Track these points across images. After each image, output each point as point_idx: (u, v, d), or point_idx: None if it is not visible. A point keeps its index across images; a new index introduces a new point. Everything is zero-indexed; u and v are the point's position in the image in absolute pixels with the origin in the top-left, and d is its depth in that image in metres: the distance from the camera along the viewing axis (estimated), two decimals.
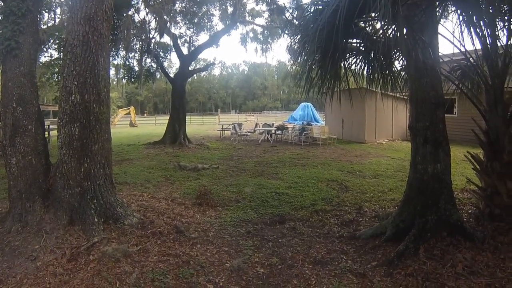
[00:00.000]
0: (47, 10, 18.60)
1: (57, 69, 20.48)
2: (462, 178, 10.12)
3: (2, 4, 7.41)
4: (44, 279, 4.80)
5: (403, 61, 7.10)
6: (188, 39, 23.96)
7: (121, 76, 25.56)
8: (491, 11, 5.92)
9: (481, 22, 5.96)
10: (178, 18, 22.74)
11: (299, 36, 6.64)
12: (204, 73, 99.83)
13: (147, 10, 20.30)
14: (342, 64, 6.71)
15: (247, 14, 24.77)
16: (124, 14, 18.38)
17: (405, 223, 5.86)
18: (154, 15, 19.76)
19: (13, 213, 6.12)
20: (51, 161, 6.77)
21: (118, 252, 5.45)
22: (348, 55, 7.02)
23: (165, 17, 19.45)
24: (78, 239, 5.81)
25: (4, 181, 9.20)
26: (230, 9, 22.99)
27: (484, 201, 6.51)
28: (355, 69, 7.37)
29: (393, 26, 5.30)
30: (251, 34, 26.09)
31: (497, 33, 6.16)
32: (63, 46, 6.96)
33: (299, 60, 6.85)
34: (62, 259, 5.22)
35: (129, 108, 50.20)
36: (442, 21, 6.61)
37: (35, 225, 5.92)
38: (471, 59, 6.57)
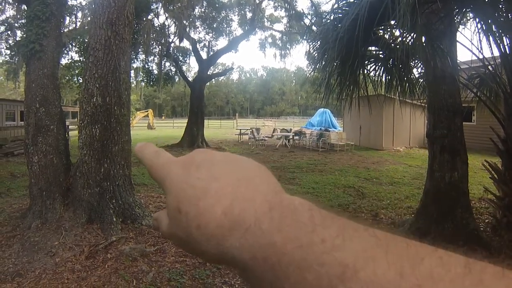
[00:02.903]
0: (68, 14, 18.90)
1: (77, 71, 20.81)
2: (480, 187, 10.01)
3: (26, 8, 7.57)
4: (62, 274, 4.89)
5: (422, 68, 7.11)
6: (207, 44, 24.14)
7: (140, 79, 25.83)
8: (510, 18, 5.91)
9: (500, 30, 5.95)
10: (197, 23, 22.95)
11: (318, 43, 6.68)
12: (222, 77, 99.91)
13: (167, 15, 20.54)
14: (361, 71, 6.74)
15: (265, 20, 24.93)
16: (144, 19, 18.61)
17: (421, 231, 5.85)
18: (174, 20, 19.96)
19: (33, 210, 6.25)
20: (71, 160, 6.89)
21: (135, 251, 5.53)
22: (367, 62, 7.05)
23: (184, 21, 19.63)
24: (96, 238, 5.92)
25: (25, 178, 9.38)
26: (249, 15, 23.14)
27: (501, 210, 6.45)
28: (373, 76, 7.39)
29: (412, 34, 5.33)
30: (269, 40, 26.24)
31: None
32: (86, 50, 7.11)
33: (318, 67, 6.90)
34: (80, 256, 5.33)
35: (147, 111, 50.53)
36: (460, 28, 6.60)
37: (55, 222, 6.03)
38: (489, 67, 6.53)
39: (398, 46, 6.49)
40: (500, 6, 5.79)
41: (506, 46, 6.00)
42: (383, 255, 0.31)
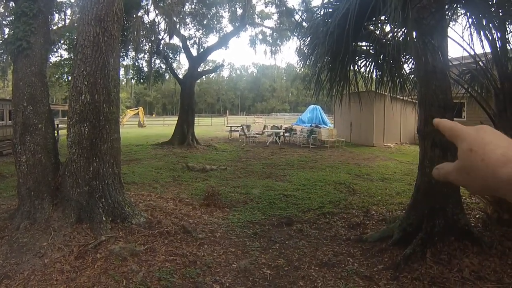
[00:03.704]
0: (57, 11, 18.74)
1: (67, 69, 20.65)
2: None
3: (14, 5, 7.46)
4: (51, 276, 4.84)
5: (412, 64, 7.10)
6: (197, 41, 24.08)
7: (130, 77, 25.69)
8: (501, 14, 5.90)
9: (491, 25, 5.94)
10: (188, 20, 22.87)
11: (308, 39, 6.65)
12: (213, 74, 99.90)
13: (157, 12, 20.40)
14: (351, 67, 6.72)
15: (256, 16, 24.83)
16: (134, 16, 18.48)
17: (412, 227, 5.84)
18: (164, 17, 19.84)
19: (21, 210, 6.17)
20: (60, 159, 6.82)
21: (125, 251, 5.48)
22: (357, 58, 7.03)
23: (174, 18, 19.52)
24: (85, 237, 5.85)
25: (14, 178, 9.27)
26: (239, 11, 23.07)
27: (492, 206, 6.47)
28: (364, 72, 7.37)
29: (403, 29, 5.31)
30: (260, 36, 26.16)
31: (507, 36, 6.13)
32: (74, 47, 7.02)
33: (308, 63, 6.87)
34: (70, 257, 5.27)
35: (137, 109, 50.34)
36: (451, 24, 6.60)
37: (43, 223, 5.97)
38: (480, 62, 6.54)
39: (389, 42, 6.47)
40: (490, 1, 5.79)
41: (497, 42, 6.00)
42: None
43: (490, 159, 0.58)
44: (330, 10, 6.08)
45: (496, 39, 6.01)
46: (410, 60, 7.10)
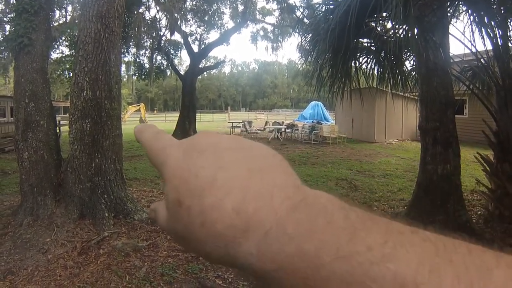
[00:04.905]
0: (58, 8, 18.73)
1: (68, 66, 20.66)
2: (472, 179, 10.04)
3: (15, 1, 7.47)
4: (54, 271, 4.86)
5: (414, 61, 7.10)
6: (198, 37, 24.11)
7: (131, 73, 25.72)
8: (502, 11, 5.90)
9: (492, 23, 5.94)
10: (189, 16, 22.85)
11: (310, 35, 6.66)
12: (214, 70, 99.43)
13: (158, 8, 20.43)
14: (353, 64, 6.73)
15: (257, 13, 24.84)
16: (135, 12, 18.49)
17: (413, 223, 5.85)
18: (165, 13, 19.85)
19: (24, 207, 6.19)
20: (62, 156, 6.84)
21: (128, 246, 5.50)
22: (359, 54, 7.04)
23: (175, 15, 19.54)
24: (88, 233, 5.88)
25: (16, 175, 9.28)
26: (240, 7, 23.07)
27: (493, 202, 6.47)
28: (365, 69, 7.38)
29: (404, 26, 5.31)
30: (261, 33, 26.18)
31: (508, 33, 6.13)
32: (75, 43, 7.03)
33: (309, 59, 6.88)
34: (73, 252, 5.29)
35: (139, 105, 50.29)
36: (453, 21, 6.60)
37: (46, 219, 5.98)
38: (482, 59, 6.54)
39: (390, 38, 6.48)
40: None
41: (499, 39, 6.00)
42: (445, 266, 0.26)
43: (216, 226, 0.32)
44: (331, 6, 6.09)
45: (498, 36, 6.01)
46: (412, 57, 7.11)
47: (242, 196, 0.32)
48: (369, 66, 7.31)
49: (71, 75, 16.78)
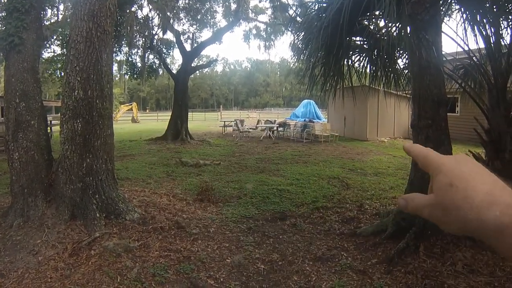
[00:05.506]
0: (50, 7, 18.57)
1: (59, 65, 20.50)
2: None
3: (6, 0, 7.39)
4: (45, 273, 4.82)
5: (406, 59, 7.10)
6: (191, 36, 24.00)
7: (123, 72, 25.59)
8: (495, 10, 5.91)
9: (485, 21, 5.95)
10: (181, 15, 22.75)
11: (302, 34, 6.65)
12: (206, 69, 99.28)
13: (150, 7, 20.31)
14: (345, 62, 6.72)
15: (250, 11, 24.74)
16: (127, 11, 18.36)
17: (405, 221, 5.86)
18: (157, 12, 19.76)
19: (15, 208, 6.14)
20: (53, 156, 6.79)
21: (119, 247, 5.47)
22: (351, 52, 7.03)
23: (168, 13, 19.46)
24: (79, 234, 5.84)
25: (6, 176, 9.21)
26: (233, 6, 23.02)
27: None
28: (358, 67, 7.37)
29: (397, 24, 5.30)
30: (254, 31, 26.12)
31: (500, 32, 6.14)
32: (67, 42, 6.97)
33: (302, 57, 6.86)
34: (64, 254, 5.25)
35: (131, 104, 50.16)
36: (445, 19, 6.60)
37: (37, 220, 5.94)
38: (474, 58, 6.54)
39: (383, 37, 6.47)
40: None
41: (491, 37, 6.01)
42: None
43: (474, 199, 0.52)
44: (324, 5, 6.07)
45: (490, 35, 6.02)
46: (404, 55, 7.11)
47: (491, 186, 0.53)
48: (361, 64, 7.30)
49: (62, 74, 16.70)
